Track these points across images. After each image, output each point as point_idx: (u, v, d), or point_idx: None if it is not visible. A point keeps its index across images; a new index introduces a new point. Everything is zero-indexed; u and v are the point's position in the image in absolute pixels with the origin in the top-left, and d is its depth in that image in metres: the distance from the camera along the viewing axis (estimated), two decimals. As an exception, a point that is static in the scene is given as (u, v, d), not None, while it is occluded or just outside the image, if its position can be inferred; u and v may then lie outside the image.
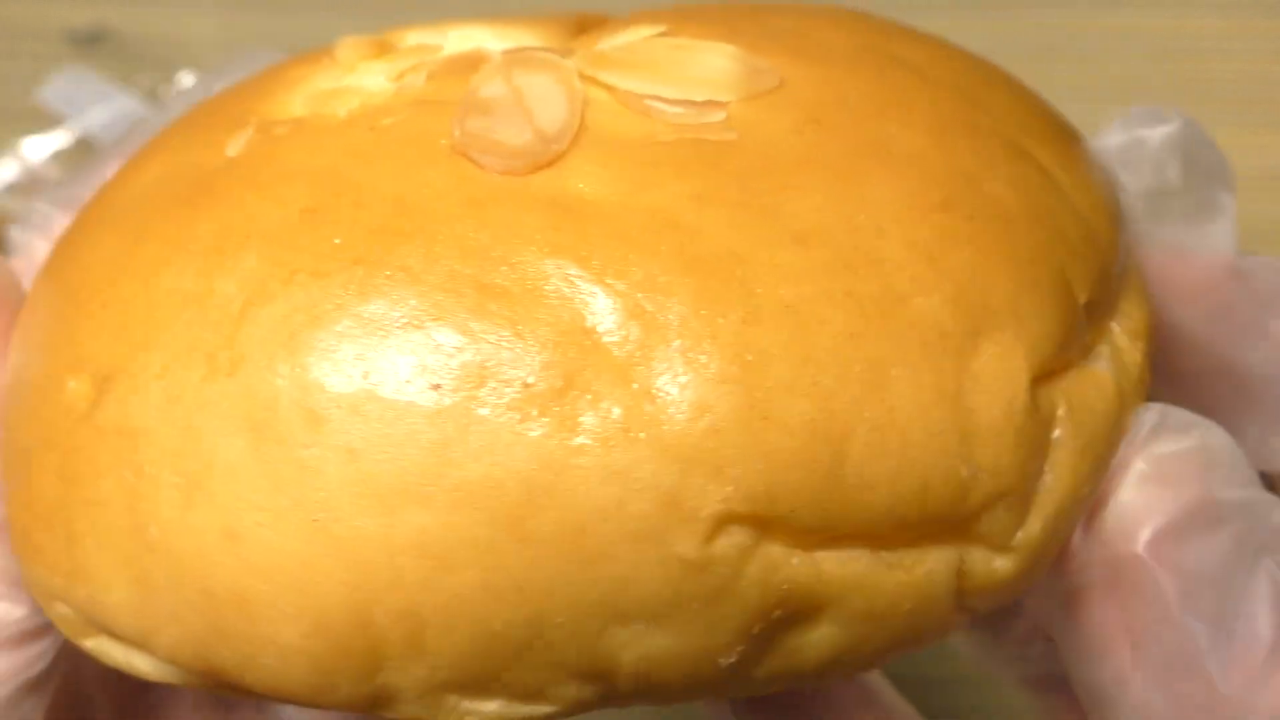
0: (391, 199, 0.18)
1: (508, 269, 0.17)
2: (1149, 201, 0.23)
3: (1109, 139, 0.23)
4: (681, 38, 0.20)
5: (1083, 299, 0.19)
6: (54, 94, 0.47)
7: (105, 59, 0.49)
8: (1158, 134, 0.22)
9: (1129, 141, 0.23)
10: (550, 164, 0.18)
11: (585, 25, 0.22)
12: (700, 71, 0.19)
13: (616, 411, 0.16)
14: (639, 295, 0.17)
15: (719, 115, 0.19)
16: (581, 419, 0.16)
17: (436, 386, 0.16)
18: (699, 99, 0.19)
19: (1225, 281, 0.22)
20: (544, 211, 0.17)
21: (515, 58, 0.19)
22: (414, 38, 0.22)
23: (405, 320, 0.17)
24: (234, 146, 0.19)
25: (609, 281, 0.17)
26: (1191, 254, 0.23)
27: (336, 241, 0.17)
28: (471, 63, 0.20)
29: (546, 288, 0.17)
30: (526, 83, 0.19)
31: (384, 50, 0.21)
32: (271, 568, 0.16)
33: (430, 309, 0.17)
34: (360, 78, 0.21)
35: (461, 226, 0.17)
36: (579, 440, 0.16)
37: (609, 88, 0.19)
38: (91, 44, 0.50)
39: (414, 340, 0.17)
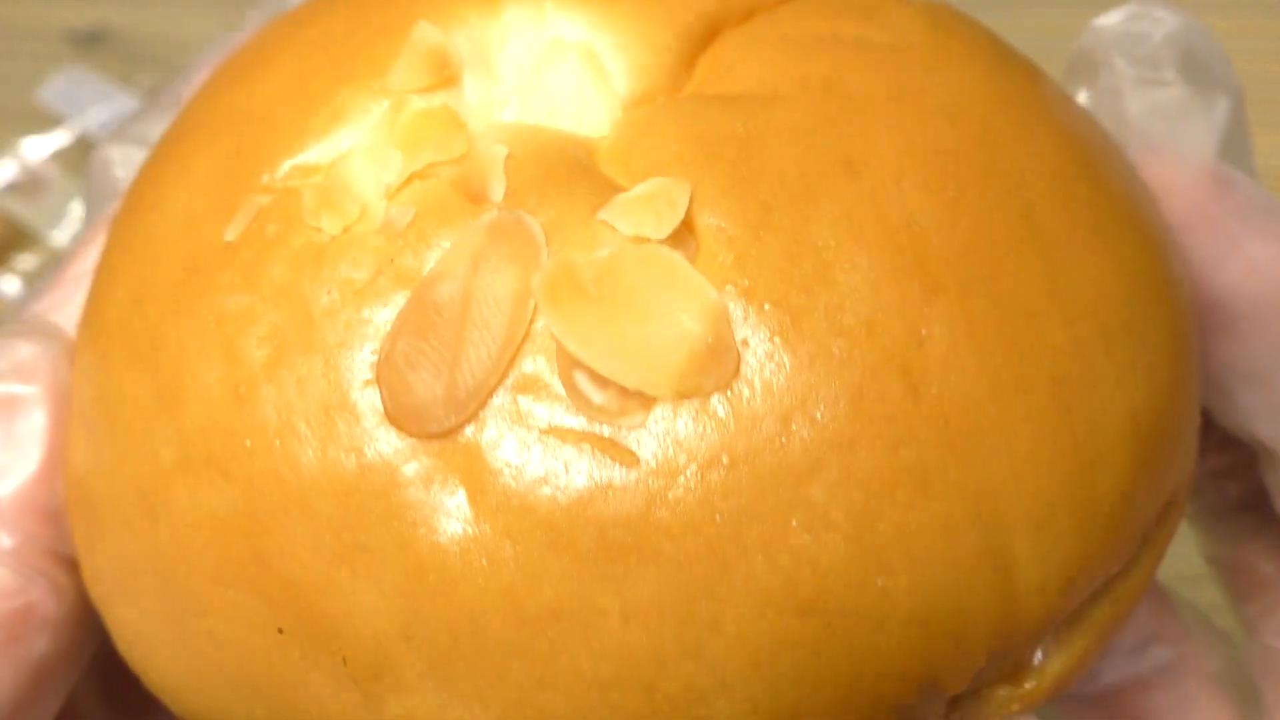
0: (298, 437, 0.18)
1: (343, 575, 0.18)
2: (1136, 87, 0.21)
3: (1107, 20, 0.21)
4: (682, 251, 0.18)
5: (953, 690, 0.18)
6: (54, 94, 0.47)
7: (105, 59, 0.49)
8: (1159, 30, 0.21)
9: (1128, 32, 0.21)
10: (443, 435, 0.17)
11: (715, 26, 0.20)
12: (656, 336, 0.17)
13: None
14: (443, 629, 0.17)
15: (636, 418, 0.17)
16: (384, 705, 0.18)
17: (280, 630, 0.18)
18: (630, 384, 0.17)
19: (1203, 189, 0.21)
20: (392, 514, 0.17)
21: (498, 234, 0.18)
22: (510, 14, 0.21)
23: (261, 587, 0.18)
24: (234, 228, 0.19)
25: (418, 627, 0.17)
26: (1170, 152, 0.21)
27: (247, 443, 0.18)
28: (476, 191, 0.19)
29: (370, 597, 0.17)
30: (486, 286, 0.18)
31: (443, 80, 0.20)
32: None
33: (290, 583, 0.18)
34: (365, 173, 0.19)
35: (331, 511, 0.18)
36: None
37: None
38: (91, 44, 0.50)
39: (267, 588, 0.18)
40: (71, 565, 0.20)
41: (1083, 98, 0.23)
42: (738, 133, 0.19)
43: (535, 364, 0.17)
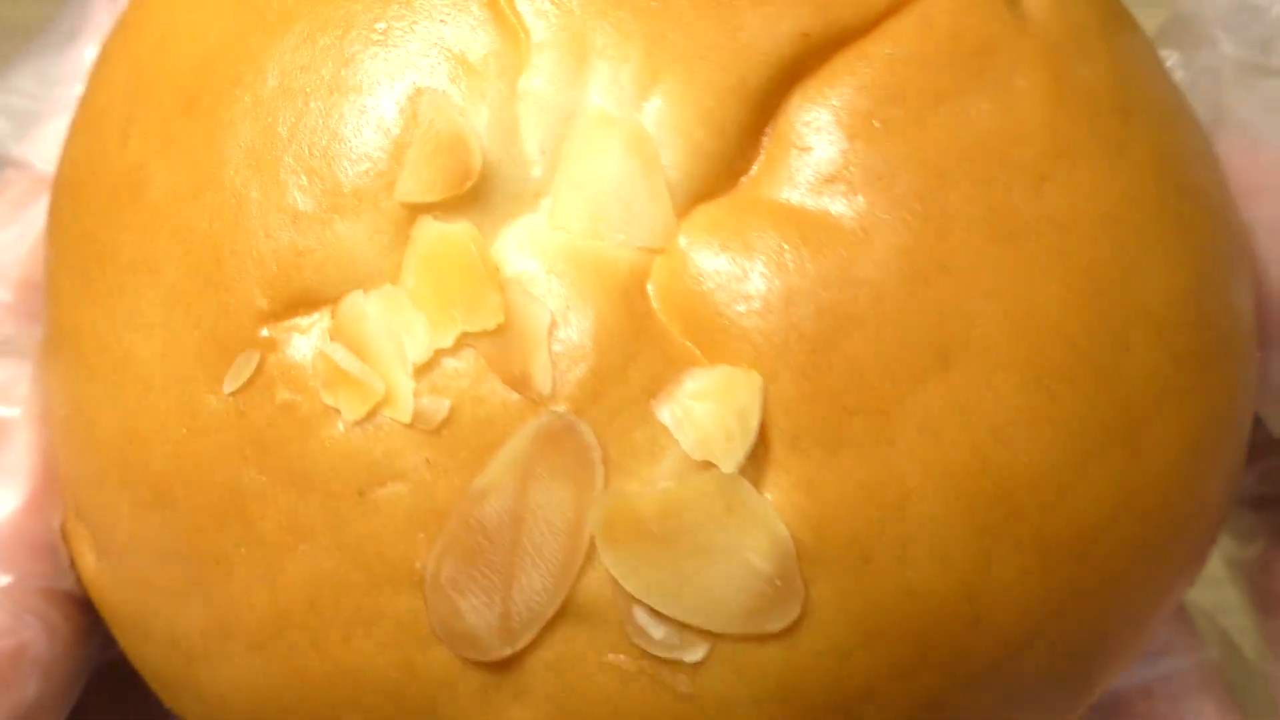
0: (337, 638, 0.17)
1: None
2: (1241, 74, 0.20)
3: None
4: (752, 468, 0.16)
5: None
6: (55, 94, 0.47)
7: (106, 58, 0.49)
8: (1276, 8, 0.19)
9: (1242, 6, 0.20)
10: (492, 663, 0.17)
11: (793, 73, 0.17)
12: (721, 579, 0.16)
13: None
14: None
15: (696, 654, 0.16)
16: None
17: None
18: (690, 621, 0.16)
19: None
20: None
21: (548, 444, 0.16)
22: (539, 62, 0.17)
23: None
24: (233, 380, 0.17)
25: None
26: (1265, 145, 0.19)
27: (286, 634, 0.17)
28: (518, 378, 0.16)
29: None
30: (538, 508, 0.16)
31: (464, 196, 0.17)
32: None
33: None
34: (382, 334, 0.17)
35: (384, 708, 0.17)
36: None
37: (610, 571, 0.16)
38: (92, 43, 0.49)
39: None
40: (66, 601, 0.20)
41: (1174, 62, 0.21)
42: (822, 301, 0.16)
43: (592, 589, 0.17)
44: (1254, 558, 0.23)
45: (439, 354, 0.17)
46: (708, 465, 0.16)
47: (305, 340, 0.17)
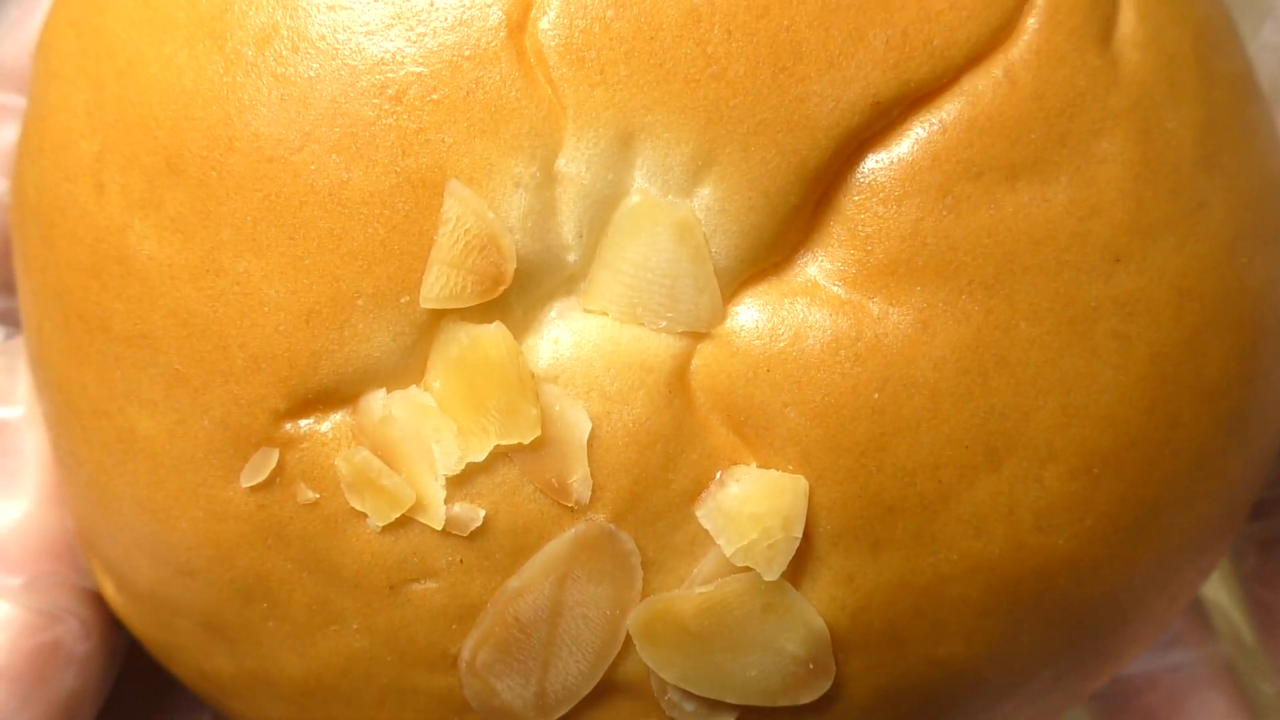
0: (374, 704, 0.17)
1: None
2: None
3: None
4: (792, 567, 0.16)
5: None
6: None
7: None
8: None
9: None
10: None
11: (858, 137, 0.16)
12: (754, 664, 0.16)
13: None
14: None
15: (726, 719, 0.17)
16: None
17: None
18: (724, 699, 0.16)
19: None
20: None
21: (587, 549, 0.16)
22: (580, 142, 0.15)
23: None
24: (251, 475, 0.17)
25: None
26: None
27: (317, 696, 0.18)
28: (557, 489, 0.16)
29: None
30: (575, 604, 0.16)
31: (494, 302, 0.16)
32: None
33: None
34: (411, 442, 0.16)
35: None
36: None
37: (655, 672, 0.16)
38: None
39: None
40: (95, 598, 0.20)
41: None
42: (875, 404, 0.16)
43: (629, 671, 0.17)
44: (1249, 571, 0.23)
45: (472, 468, 0.16)
46: (748, 569, 0.16)
47: (326, 438, 0.16)
